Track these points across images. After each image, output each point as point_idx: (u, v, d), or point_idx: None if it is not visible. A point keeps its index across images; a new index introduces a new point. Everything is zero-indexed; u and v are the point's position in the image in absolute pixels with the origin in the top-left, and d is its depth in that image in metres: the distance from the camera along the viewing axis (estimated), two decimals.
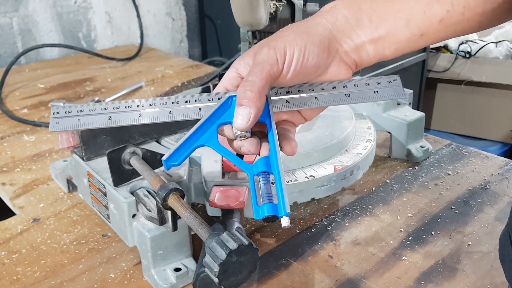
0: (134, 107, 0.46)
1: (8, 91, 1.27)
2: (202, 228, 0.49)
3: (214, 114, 0.46)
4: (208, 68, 1.48)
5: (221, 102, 0.46)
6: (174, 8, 1.94)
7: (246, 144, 0.46)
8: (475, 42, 2.09)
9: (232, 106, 0.46)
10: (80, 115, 0.45)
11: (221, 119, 0.46)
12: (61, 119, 0.45)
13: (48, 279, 0.60)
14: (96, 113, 0.45)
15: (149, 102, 0.46)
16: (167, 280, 0.57)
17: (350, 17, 0.48)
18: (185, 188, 0.63)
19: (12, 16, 1.51)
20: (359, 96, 0.48)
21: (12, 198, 0.78)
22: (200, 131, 0.45)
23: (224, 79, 0.50)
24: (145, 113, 0.46)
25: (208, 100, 0.47)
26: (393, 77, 0.50)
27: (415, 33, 0.47)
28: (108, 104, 0.46)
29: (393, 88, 0.49)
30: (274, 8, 1.00)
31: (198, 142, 0.45)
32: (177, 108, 0.46)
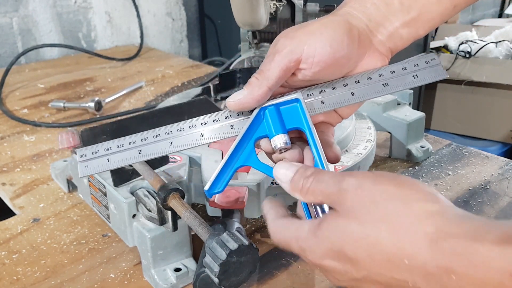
0: (162, 136, 0.43)
1: (8, 91, 1.27)
2: (202, 228, 0.49)
3: (249, 130, 0.43)
4: (208, 68, 1.48)
5: (254, 116, 0.43)
6: (174, 8, 1.94)
7: (288, 156, 0.43)
8: (475, 42, 2.09)
9: (266, 118, 0.44)
10: (108, 153, 0.43)
11: (256, 133, 0.43)
12: (89, 161, 0.43)
13: (48, 279, 0.60)
14: (125, 149, 0.43)
15: (177, 128, 0.44)
16: (167, 280, 0.57)
17: (379, 3, 0.44)
18: (185, 188, 0.63)
19: (12, 16, 1.51)
20: (398, 84, 0.45)
21: (12, 198, 0.78)
22: (238, 151, 0.43)
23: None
24: (175, 141, 0.43)
25: (239, 114, 0.44)
26: (430, 56, 0.46)
27: (448, 7, 0.44)
28: (135, 137, 0.44)
29: (433, 69, 0.46)
30: (274, 8, 1.00)
31: (238, 163, 0.43)
32: (207, 129, 0.44)
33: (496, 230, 0.30)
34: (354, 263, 0.35)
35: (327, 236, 0.36)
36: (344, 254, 0.35)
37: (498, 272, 0.29)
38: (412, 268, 0.32)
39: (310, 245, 0.37)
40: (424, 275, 0.32)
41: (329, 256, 0.36)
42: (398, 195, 0.35)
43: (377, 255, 0.34)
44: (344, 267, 0.36)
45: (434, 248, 0.31)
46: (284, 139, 0.43)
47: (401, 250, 0.33)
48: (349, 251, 0.35)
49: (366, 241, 0.34)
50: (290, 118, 0.44)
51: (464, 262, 0.30)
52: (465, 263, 0.30)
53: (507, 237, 0.30)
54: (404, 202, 0.34)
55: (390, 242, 0.33)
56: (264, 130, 0.44)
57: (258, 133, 0.44)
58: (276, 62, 0.42)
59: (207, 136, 0.44)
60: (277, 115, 0.44)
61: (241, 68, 0.92)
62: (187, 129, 0.44)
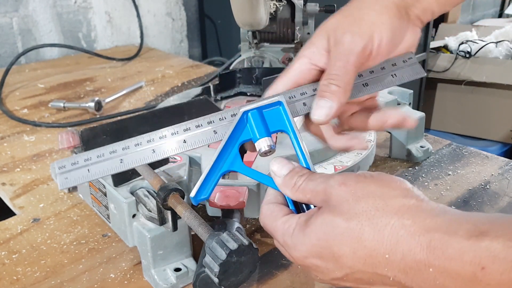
0: (144, 144, 0.42)
1: (8, 91, 1.27)
2: (202, 228, 0.49)
3: (233, 135, 0.43)
4: (208, 68, 1.48)
5: (237, 121, 0.43)
6: (174, 8, 1.94)
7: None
8: (475, 42, 2.09)
9: (249, 122, 0.43)
10: (88, 164, 0.42)
11: (240, 138, 0.43)
12: (69, 173, 0.42)
13: (48, 279, 0.60)
14: (106, 159, 0.42)
15: (159, 135, 0.43)
16: (167, 280, 0.57)
17: None
18: (185, 188, 0.63)
19: (12, 16, 1.51)
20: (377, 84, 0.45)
21: (12, 198, 0.78)
22: (223, 157, 0.42)
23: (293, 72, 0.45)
24: (158, 148, 0.42)
25: (221, 119, 0.43)
26: (407, 55, 0.47)
27: None
28: (116, 146, 0.43)
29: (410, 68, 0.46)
30: (274, 8, 1.00)
31: (223, 169, 0.43)
32: (190, 135, 0.43)
33: (468, 224, 0.32)
34: (337, 261, 0.36)
35: (313, 231, 0.37)
36: (329, 249, 0.36)
37: (471, 265, 0.30)
38: (392, 263, 0.34)
39: (295, 243, 0.38)
40: (403, 268, 0.33)
41: (313, 254, 0.37)
42: (377, 192, 0.36)
43: (360, 250, 0.35)
44: (326, 265, 0.37)
45: (411, 241, 0.33)
46: (268, 142, 0.43)
47: (382, 244, 0.34)
48: (334, 246, 0.36)
49: (350, 235, 0.35)
50: (273, 121, 0.44)
51: (439, 255, 0.32)
52: (440, 257, 0.32)
53: (478, 232, 0.31)
54: (383, 198, 0.36)
55: (371, 237, 0.34)
56: (248, 134, 0.43)
57: (242, 137, 0.43)
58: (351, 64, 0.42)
59: (190, 142, 0.43)
60: (260, 118, 0.43)
61: (241, 68, 0.92)
62: (169, 136, 0.43)
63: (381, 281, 0.35)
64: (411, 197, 0.36)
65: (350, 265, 0.35)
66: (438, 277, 0.32)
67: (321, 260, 0.37)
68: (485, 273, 0.30)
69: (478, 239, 0.31)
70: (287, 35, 1.04)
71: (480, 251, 0.30)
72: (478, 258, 0.30)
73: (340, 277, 0.37)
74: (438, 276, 0.32)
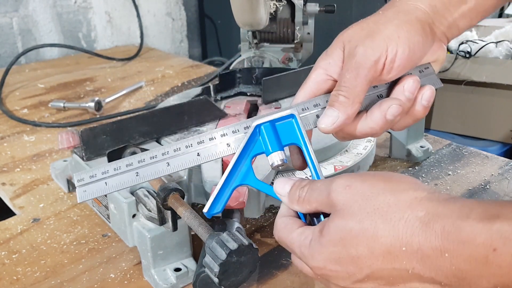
0: (159, 157, 0.43)
1: (8, 91, 1.27)
2: (202, 228, 0.49)
3: (245, 148, 0.43)
4: (208, 68, 1.48)
5: (249, 134, 0.43)
6: (174, 8, 1.94)
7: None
8: (475, 42, 2.09)
9: (262, 135, 0.43)
10: (105, 177, 0.43)
11: (253, 151, 0.43)
12: (87, 186, 0.43)
13: (48, 279, 0.60)
14: (122, 172, 0.43)
15: (173, 147, 0.43)
16: (167, 280, 0.57)
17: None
18: (185, 188, 0.63)
19: (12, 16, 1.51)
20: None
21: (12, 198, 0.78)
22: (235, 171, 0.43)
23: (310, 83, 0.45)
24: (172, 161, 0.43)
25: (234, 132, 0.43)
26: (424, 65, 0.46)
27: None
28: (132, 159, 0.43)
29: (427, 78, 0.46)
30: (274, 8, 1.00)
31: (236, 183, 0.43)
32: (203, 148, 0.43)
33: (479, 208, 0.32)
34: (356, 263, 0.36)
35: (329, 239, 0.37)
36: (347, 253, 0.36)
37: (483, 247, 0.31)
38: (410, 255, 0.34)
39: (313, 253, 0.38)
40: (421, 258, 0.33)
41: (332, 261, 0.37)
42: (387, 188, 0.36)
43: (377, 248, 0.35)
44: (347, 269, 0.36)
45: (426, 230, 0.33)
46: (281, 156, 0.43)
47: (398, 238, 0.34)
48: (351, 249, 0.36)
49: (365, 235, 0.35)
50: (286, 134, 0.44)
51: (453, 239, 0.32)
52: (454, 241, 0.32)
53: (489, 215, 0.32)
54: (393, 193, 0.36)
55: (387, 233, 0.34)
56: (260, 147, 0.43)
57: (255, 151, 0.43)
58: (361, 77, 0.42)
59: (203, 155, 0.43)
60: (273, 131, 0.43)
61: (241, 68, 0.92)
62: (184, 149, 0.43)
63: (400, 276, 0.35)
64: (423, 190, 0.36)
65: (369, 264, 0.35)
66: (453, 261, 0.32)
67: (341, 266, 0.37)
68: (496, 254, 0.30)
69: (489, 222, 0.31)
70: (287, 35, 1.04)
71: (491, 233, 0.31)
72: (489, 240, 0.31)
73: (361, 279, 0.36)
74: (454, 261, 0.32)
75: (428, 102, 0.45)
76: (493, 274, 0.31)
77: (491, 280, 0.31)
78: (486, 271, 0.31)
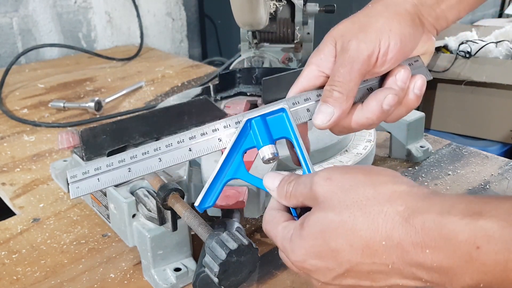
0: (151, 152, 0.43)
1: (8, 91, 1.27)
2: (202, 228, 0.49)
3: (236, 143, 0.43)
4: (208, 68, 1.48)
5: (240, 129, 0.43)
6: (174, 8, 1.94)
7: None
8: (475, 42, 2.09)
9: (253, 130, 0.43)
10: (98, 173, 0.43)
11: (244, 145, 0.43)
12: (80, 182, 0.43)
13: (48, 279, 0.60)
14: (115, 168, 0.43)
15: (165, 143, 0.44)
16: (167, 280, 0.57)
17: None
18: (185, 188, 0.63)
19: (12, 16, 1.51)
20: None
21: (12, 198, 0.78)
22: (226, 165, 0.43)
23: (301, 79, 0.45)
24: (164, 157, 0.43)
25: (226, 127, 0.44)
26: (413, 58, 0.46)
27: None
28: (125, 155, 0.44)
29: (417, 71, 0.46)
30: (274, 8, 1.00)
31: (227, 177, 0.43)
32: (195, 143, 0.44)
33: (461, 204, 0.32)
34: (335, 257, 0.36)
35: (309, 232, 0.37)
36: (327, 246, 0.36)
37: (466, 244, 0.31)
38: (389, 249, 0.33)
39: (293, 247, 0.38)
40: (401, 253, 0.33)
41: (311, 255, 0.37)
42: (366, 181, 0.36)
43: (356, 242, 0.35)
44: (326, 264, 0.36)
45: (406, 225, 0.33)
46: (272, 150, 0.43)
47: (377, 232, 0.34)
48: (331, 242, 0.36)
49: (344, 228, 0.35)
50: (277, 128, 0.44)
51: (434, 236, 0.32)
52: (435, 238, 0.32)
53: (471, 212, 0.31)
54: (373, 186, 0.35)
55: (366, 226, 0.34)
56: (251, 141, 0.44)
57: (246, 145, 0.44)
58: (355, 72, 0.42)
59: (195, 150, 0.44)
60: (264, 125, 0.44)
61: (241, 68, 0.92)
62: (175, 144, 0.44)
63: (380, 271, 0.35)
64: (401, 183, 0.36)
65: (349, 259, 0.35)
66: (435, 258, 0.32)
67: (320, 260, 0.37)
68: (480, 252, 0.30)
69: (472, 219, 0.31)
70: (287, 35, 1.04)
71: (475, 230, 0.30)
72: (473, 238, 0.30)
73: (341, 274, 0.36)
74: (435, 257, 0.32)
75: (420, 90, 0.45)
76: (477, 271, 0.31)
77: (474, 277, 0.31)
78: (469, 268, 0.31)
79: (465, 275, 0.31)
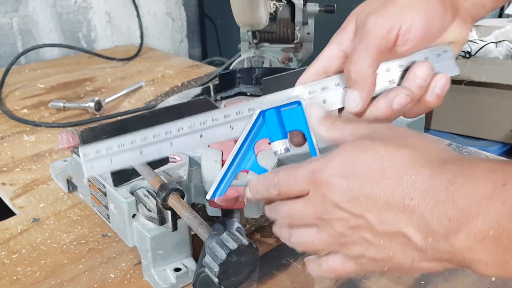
0: (162, 136, 0.43)
1: (8, 91, 1.27)
2: (202, 228, 0.49)
3: (249, 134, 0.42)
4: (208, 68, 1.48)
5: (253, 120, 0.42)
6: (174, 8, 1.94)
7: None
8: (475, 42, 2.09)
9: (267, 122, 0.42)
10: (110, 153, 0.43)
11: (258, 137, 0.43)
12: (93, 161, 0.43)
13: (48, 279, 0.60)
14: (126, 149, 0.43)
15: (176, 127, 0.42)
16: (167, 280, 0.57)
17: None
18: (185, 188, 0.63)
19: (12, 16, 1.51)
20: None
21: (12, 198, 0.78)
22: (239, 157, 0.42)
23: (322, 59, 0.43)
24: (176, 142, 0.42)
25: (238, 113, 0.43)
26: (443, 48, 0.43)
27: None
28: (136, 136, 0.43)
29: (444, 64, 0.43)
30: (274, 8, 1.00)
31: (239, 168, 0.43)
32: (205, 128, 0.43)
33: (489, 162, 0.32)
34: (360, 181, 0.35)
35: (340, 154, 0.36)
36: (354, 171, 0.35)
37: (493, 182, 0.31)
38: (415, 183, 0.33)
39: (320, 164, 0.37)
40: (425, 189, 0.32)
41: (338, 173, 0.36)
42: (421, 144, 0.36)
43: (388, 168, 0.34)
44: (349, 183, 0.35)
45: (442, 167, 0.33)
46: (284, 145, 0.43)
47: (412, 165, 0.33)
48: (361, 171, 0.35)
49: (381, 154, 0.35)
50: (291, 120, 0.43)
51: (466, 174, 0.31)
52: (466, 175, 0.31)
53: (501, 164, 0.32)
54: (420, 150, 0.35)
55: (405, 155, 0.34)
56: (264, 133, 0.43)
57: (259, 136, 0.43)
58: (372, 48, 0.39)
59: (206, 137, 0.43)
60: (278, 118, 0.43)
61: (241, 68, 0.92)
62: (186, 129, 0.43)
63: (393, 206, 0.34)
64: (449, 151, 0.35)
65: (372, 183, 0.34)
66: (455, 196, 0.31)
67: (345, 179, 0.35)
68: (504, 189, 0.30)
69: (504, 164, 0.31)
70: (287, 35, 1.04)
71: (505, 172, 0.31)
72: (501, 177, 0.30)
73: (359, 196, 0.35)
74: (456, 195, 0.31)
75: (442, 90, 0.43)
76: (493, 212, 0.30)
77: (488, 220, 0.30)
78: (486, 208, 0.30)
79: (479, 217, 0.30)
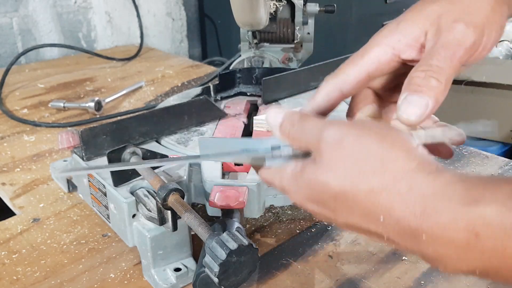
0: None
1: (8, 91, 1.27)
2: (202, 228, 0.49)
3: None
4: (208, 68, 1.48)
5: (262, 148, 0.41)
6: (174, 8, 1.94)
7: None
8: None
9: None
10: None
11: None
12: None
13: (48, 279, 0.60)
14: None
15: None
16: (167, 280, 0.57)
17: None
18: (185, 188, 0.63)
19: (12, 16, 1.51)
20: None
21: (12, 198, 0.78)
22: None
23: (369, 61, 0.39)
24: None
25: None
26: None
27: None
28: None
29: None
30: (274, 8, 1.00)
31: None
32: None
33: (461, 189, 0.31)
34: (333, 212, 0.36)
35: (307, 185, 0.37)
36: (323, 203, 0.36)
37: (465, 232, 0.30)
38: (387, 225, 0.33)
39: (291, 188, 0.38)
40: (398, 232, 0.33)
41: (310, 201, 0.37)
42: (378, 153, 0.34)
43: (356, 209, 0.34)
44: (323, 211, 0.37)
45: (406, 208, 0.32)
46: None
47: (377, 206, 0.33)
48: (328, 203, 0.36)
49: (345, 195, 0.34)
50: None
51: (433, 222, 0.31)
52: (434, 223, 0.31)
53: (471, 198, 0.30)
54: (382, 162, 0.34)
55: (366, 199, 0.34)
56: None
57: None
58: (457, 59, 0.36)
59: None
60: None
61: (241, 68, 0.92)
62: None
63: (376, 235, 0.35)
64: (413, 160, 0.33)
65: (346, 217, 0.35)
66: (430, 244, 0.31)
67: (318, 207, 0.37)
68: (479, 239, 0.29)
69: (471, 206, 0.30)
70: (287, 35, 1.04)
71: (474, 218, 0.30)
72: (472, 226, 0.29)
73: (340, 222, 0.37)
74: (431, 243, 0.31)
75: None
76: (474, 259, 0.30)
77: (471, 264, 0.31)
78: (466, 256, 0.30)
79: (462, 262, 0.31)
